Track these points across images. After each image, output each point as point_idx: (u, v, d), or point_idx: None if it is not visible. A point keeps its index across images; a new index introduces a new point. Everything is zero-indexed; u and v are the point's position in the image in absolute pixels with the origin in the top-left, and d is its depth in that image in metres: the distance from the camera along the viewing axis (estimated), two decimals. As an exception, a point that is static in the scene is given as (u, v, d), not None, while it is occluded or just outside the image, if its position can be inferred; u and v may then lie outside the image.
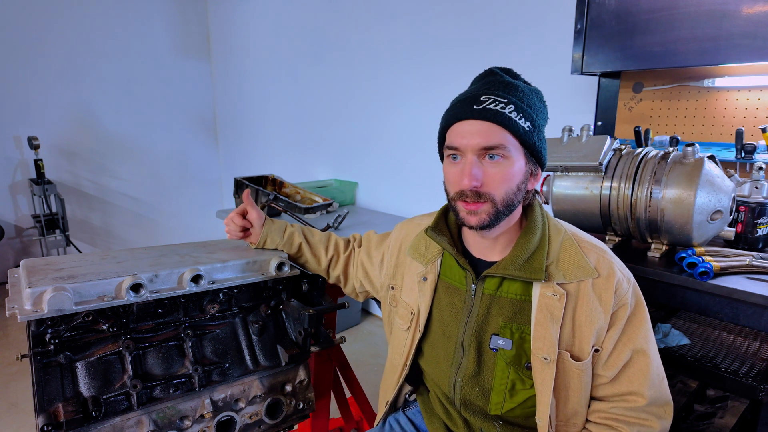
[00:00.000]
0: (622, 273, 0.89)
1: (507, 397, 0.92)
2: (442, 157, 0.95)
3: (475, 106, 0.84)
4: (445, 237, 0.98)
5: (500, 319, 0.91)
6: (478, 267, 0.96)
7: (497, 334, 0.91)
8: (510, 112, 0.83)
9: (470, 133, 0.84)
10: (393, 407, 1.16)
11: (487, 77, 0.90)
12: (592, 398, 0.92)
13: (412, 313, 1.04)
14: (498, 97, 0.84)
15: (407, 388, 1.16)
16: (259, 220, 1.24)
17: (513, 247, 0.91)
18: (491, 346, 0.92)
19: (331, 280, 1.30)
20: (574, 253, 0.89)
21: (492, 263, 0.94)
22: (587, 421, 0.92)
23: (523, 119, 0.84)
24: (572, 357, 0.87)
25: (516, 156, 0.86)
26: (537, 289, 0.88)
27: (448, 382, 0.99)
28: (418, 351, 1.06)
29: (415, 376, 1.13)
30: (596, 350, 0.88)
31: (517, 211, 0.92)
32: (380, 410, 1.17)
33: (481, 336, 0.93)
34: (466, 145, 0.85)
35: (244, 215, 1.24)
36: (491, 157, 0.84)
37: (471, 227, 0.88)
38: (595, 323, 0.86)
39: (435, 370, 1.03)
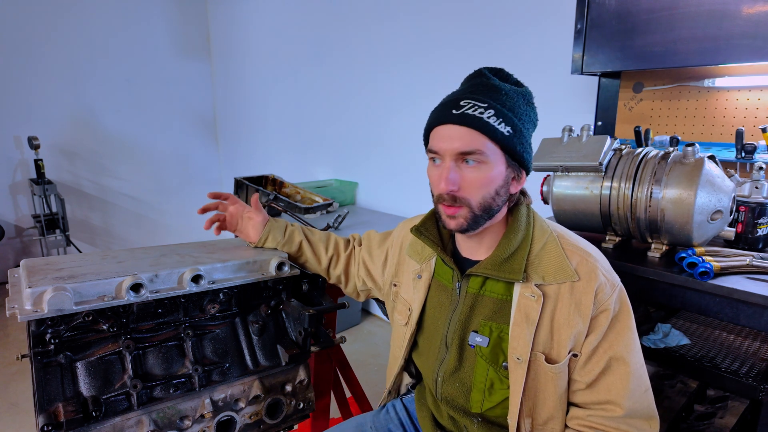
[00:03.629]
0: (605, 277, 0.87)
1: (486, 395, 0.92)
2: None
3: (454, 111, 0.84)
4: (430, 236, 0.99)
5: (481, 318, 0.93)
6: (465, 266, 0.97)
7: (476, 331, 0.93)
8: (488, 117, 0.83)
9: (449, 137, 0.85)
10: (397, 394, 1.22)
11: (474, 79, 0.90)
12: (572, 404, 0.92)
13: (409, 309, 1.07)
14: (478, 101, 0.84)
15: (408, 379, 1.20)
16: (262, 223, 1.26)
17: (495, 247, 0.92)
18: (470, 343, 0.93)
19: (332, 280, 1.30)
20: (556, 255, 0.89)
21: (477, 262, 0.95)
22: (566, 427, 0.92)
23: (503, 124, 0.84)
24: (548, 360, 0.87)
25: (495, 161, 0.85)
26: (517, 290, 0.89)
27: (432, 376, 1.02)
28: (415, 345, 1.10)
29: (416, 368, 1.17)
30: (574, 355, 0.87)
31: (501, 213, 0.92)
32: (383, 397, 1.23)
33: (464, 333, 0.95)
34: (444, 150, 0.85)
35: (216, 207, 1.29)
36: (468, 162, 0.85)
37: (450, 230, 0.91)
38: (572, 327, 0.85)
39: (424, 364, 1.06)
